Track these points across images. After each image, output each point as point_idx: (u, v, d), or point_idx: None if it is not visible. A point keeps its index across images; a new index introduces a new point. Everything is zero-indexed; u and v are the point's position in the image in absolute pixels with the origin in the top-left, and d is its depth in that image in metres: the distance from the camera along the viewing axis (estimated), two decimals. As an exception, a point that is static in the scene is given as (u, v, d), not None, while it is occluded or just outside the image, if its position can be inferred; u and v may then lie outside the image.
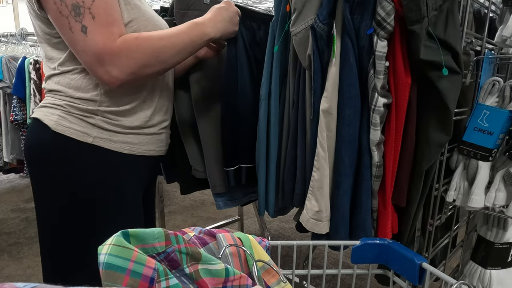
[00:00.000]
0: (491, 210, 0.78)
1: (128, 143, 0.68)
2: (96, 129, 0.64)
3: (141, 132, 0.70)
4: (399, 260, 0.53)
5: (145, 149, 0.72)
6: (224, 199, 1.01)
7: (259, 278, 0.44)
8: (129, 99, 0.67)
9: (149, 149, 0.73)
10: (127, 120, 0.68)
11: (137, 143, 0.70)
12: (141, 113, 0.70)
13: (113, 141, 0.66)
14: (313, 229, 0.77)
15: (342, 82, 0.71)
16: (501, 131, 0.72)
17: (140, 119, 0.69)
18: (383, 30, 0.64)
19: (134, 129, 0.69)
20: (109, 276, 0.30)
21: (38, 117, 0.64)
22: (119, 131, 0.67)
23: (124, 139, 0.68)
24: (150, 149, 0.73)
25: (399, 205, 0.76)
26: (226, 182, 0.95)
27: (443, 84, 0.65)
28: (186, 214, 2.44)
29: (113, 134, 0.66)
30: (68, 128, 0.63)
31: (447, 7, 0.65)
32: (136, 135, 0.69)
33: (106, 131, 0.65)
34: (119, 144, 0.67)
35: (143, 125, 0.70)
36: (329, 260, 1.66)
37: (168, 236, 0.37)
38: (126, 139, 0.68)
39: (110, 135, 0.66)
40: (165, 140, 0.78)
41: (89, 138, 0.64)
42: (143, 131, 0.71)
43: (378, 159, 0.71)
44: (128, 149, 0.68)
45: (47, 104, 0.65)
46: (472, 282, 0.89)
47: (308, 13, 0.73)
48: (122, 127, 0.67)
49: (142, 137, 0.71)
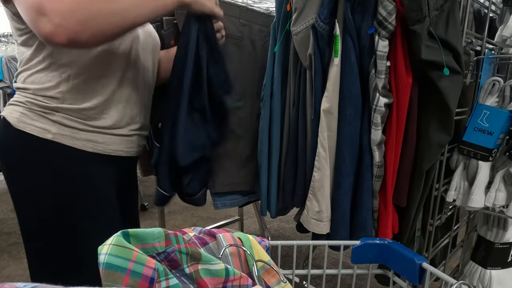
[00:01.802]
0: (491, 210, 0.78)
1: (92, 141, 0.66)
2: (57, 125, 0.63)
3: (107, 132, 0.67)
4: (399, 260, 0.53)
5: (111, 149, 0.69)
6: (223, 200, 1.01)
7: (259, 278, 0.44)
8: (92, 96, 0.65)
9: (116, 149, 0.70)
10: (91, 119, 0.65)
11: (102, 142, 0.67)
12: (107, 112, 0.67)
13: (75, 139, 0.64)
14: (314, 229, 0.77)
15: (343, 81, 0.71)
16: (501, 131, 0.72)
17: (106, 119, 0.66)
18: (384, 29, 0.64)
19: (99, 128, 0.66)
20: (109, 276, 0.30)
21: (4, 115, 0.64)
22: (82, 129, 0.64)
23: (88, 137, 0.65)
24: (118, 149, 0.70)
25: (400, 205, 0.76)
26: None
27: (444, 84, 0.65)
28: (186, 214, 2.44)
29: (76, 132, 0.64)
30: (28, 125, 0.62)
31: (448, 7, 0.65)
32: (101, 134, 0.67)
33: (68, 127, 0.63)
34: (82, 142, 0.65)
35: (110, 126, 0.67)
36: (329, 260, 1.66)
37: (168, 236, 0.37)
38: (90, 137, 0.65)
39: (73, 132, 0.64)
40: (136, 142, 0.74)
41: (48, 134, 0.62)
42: (110, 131, 0.68)
43: (379, 159, 0.71)
44: (92, 147, 0.66)
45: (13, 101, 0.65)
46: (472, 282, 0.89)
47: (309, 13, 0.72)
48: (85, 124, 0.65)
49: (109, 137, 0.68)
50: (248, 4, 1.57)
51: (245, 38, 0.95)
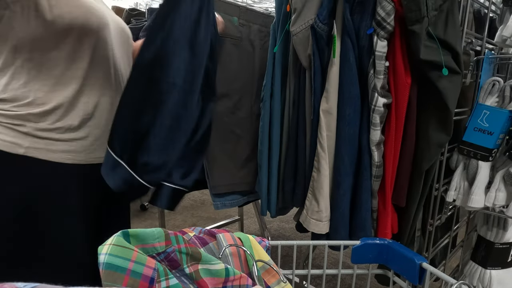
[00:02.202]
0: (491, 210, 0.78)
1: (71, 152, 0.59)
2: (29, 138, 0.56)
3: (86, 137, 0.61)
4: (399, 260, 0.53)
5: (93, 157, 0.62)
6: (222, 200, 1.01)
7: (259, 278, 0.44)
8: (59, 94, 0.57)
9: (99, 156, 0.62)
10: (64, 123, 0.58)
11: (82, 150, 0.61)
12: (76, 111, 0.59)
13: (51, 151, 0.57)
14: (313, 229, 0.77)
15: (342, 82, 0.71)
16: (501, 131, 0.72)
17: (78, 118, 0.59)
18: (383, 30, 0.64)
19: (75, 132, 0.59)
20: (109, 276, 0.30)
21: None
22: (58, 138, 0.58)
23: (66, 148, 0.59)
24: (101, 156, 0.61)
25: (399, 205, 0.76)
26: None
27: (443, 84, 0.65)
28: (186, 214, 2.44)
29: (51, 143, 0.57)
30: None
31: (447, 7, 0.65)
32: (80, 140, 0.60)
33: (42, 139, 0.57)
34: (59, 154, 0.58)
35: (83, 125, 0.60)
36: (329, 260, 1.66)
37: (168, 236, 0.37)
38: (68, 147, 0.59)
39: (47, 144, 0.57)
40: None
41: (20, 149, 0.55)
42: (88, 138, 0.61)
43: (378, 159, 0.71)
44: (71, 158, 0.59)
45: None
46: (472, 282, 0.89)
47: (308, 13, 0.73)
48: (60, 132, 0.58)
49: (88, 142, 0.61)
50: (247, 4, 1.57)
51: (244, 39, 0.96)
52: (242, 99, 0.97)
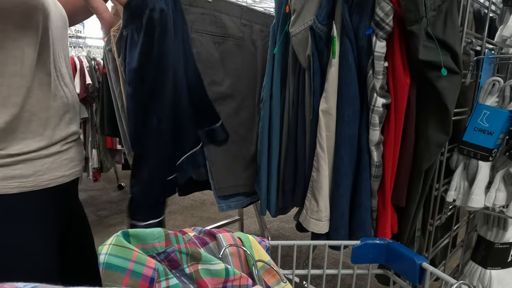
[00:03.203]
0: (491, 210, 0.78)
1: (15, 178, 0.45)
2: None
3: (35, 156, 0.47)
4: (399, 260, 0.53)
5: (47, 179, 0.49)
6: (227, 202, 1.01)
7: (259, 278, 0.44)
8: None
9: (54, 176, 0.50)
10: (4, 145, 0.45)
11: (32, 173, 0.47)
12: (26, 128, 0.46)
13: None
14: (313, 229, 0.77)
15: (341, 82, 0.71)
16: (501, 131, 0.72)
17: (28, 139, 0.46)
18: (381, 30, 0.65)
19: (22, 155, 0.46)
20: (109, 276, 0.30)
21: None
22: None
23: (9, 173, 0.45)
24: (57, 176, 0.50)
25: (399, 205, 0.76)
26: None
27: (442, 84, 0.65)
28: (186, 214, 2.44)
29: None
30: None
31: (446, 7, 0.65)
32: (29, 162, 0.47)
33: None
34: (0, 183, 0.45)
35: (37, 148, 0.48)
36: (329, 260, 1.66)
37: (168, 236, 0.37)
38: (13, 172, 0.45)
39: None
40: (78, 156, 0.55)
41: None
42: (38, 154, 0.48)
43: (377, 159, 0.71)
44: (17, 186, 0.46)
45: None
46: (472, 282, 0.89)
47: (307, 14, 0.73)
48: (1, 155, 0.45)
49: (40, 162, 0.48)
50: (248, 4, 1.58)
51: (247, 39, 0.96)
52: (246, 100, 0.97)
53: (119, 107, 1.30)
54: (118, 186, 2.87)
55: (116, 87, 1.28)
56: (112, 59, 1.30)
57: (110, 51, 1.30)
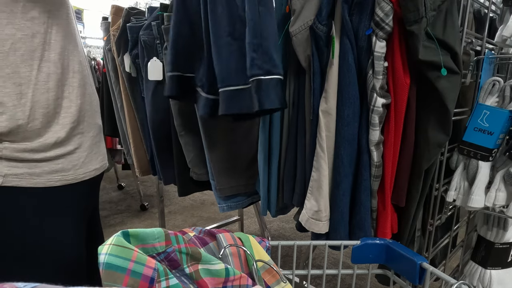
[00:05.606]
0: (491, 210, 0.78)
1: (58, 172, 0.49)
2: (5, 163, 0.45)
3: (73, 150, 0.51)
4: (399, 260, 0.53)
5: (82, 172, 0.53)
6: (228, 202, 1.01)
7: (259, 278, 0.44)
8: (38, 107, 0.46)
9: (88, 169, 0.53)
10: (45, 138, 0.47)
11: (71, 167, 0.51)
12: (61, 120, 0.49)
13: (35, 175, 0.47)
14: (313, 229, 0.77)
15: (341, 82, 0.71)
16: (501, 131, 0.72)
17: (65, 129, 0.49)
18: (381, 30, 0.65)
19: (59, 148, 0.49)
20: (109, 276, 0.30)
21: None
22: (40, 159, 0.47)
23: (52, 167, 0.48)
24: (91, 169, 0.54)
25: (399, 205, 0.76)
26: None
27: (442, 84, 0.65)
28: (186, 214, 2.44)
29: (34, 165, 0.47)
30: None
31: (445, 7, 0.65)
32: (67, 156, 0.50)
33: (22, 162, 0.46)
34: (46, 177, 0.48)
35: (71, 136, 0.50)
36: (329, 260, 1.66)
37: (168, 236, 0.37)
38: (55, 167, 0.49)
39: (30, 166, 0.46)
40: (103, 150, 0.58)
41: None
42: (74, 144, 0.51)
43: (377, 159, 0.71)
44: (60, 179, 0.49)
45: None
46: (472, 282, 0.89)
47: (307, 14, 0.73)
48: (42, 150, 0.47)
49: (76, 156, 0.51)
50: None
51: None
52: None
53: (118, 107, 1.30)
54: (118, 186, 2.88)
55: (116, 87, 1.28)
56: (111, 59, 1.29)
57: (109, 50, 1.30)
